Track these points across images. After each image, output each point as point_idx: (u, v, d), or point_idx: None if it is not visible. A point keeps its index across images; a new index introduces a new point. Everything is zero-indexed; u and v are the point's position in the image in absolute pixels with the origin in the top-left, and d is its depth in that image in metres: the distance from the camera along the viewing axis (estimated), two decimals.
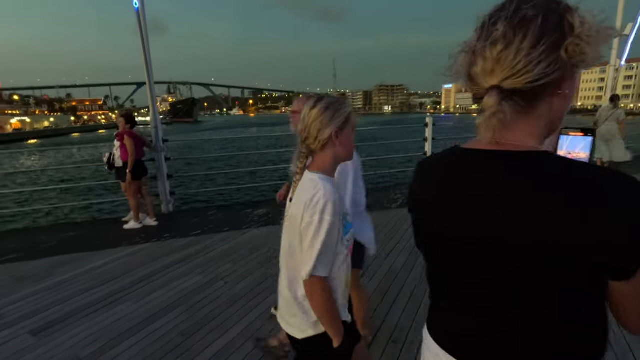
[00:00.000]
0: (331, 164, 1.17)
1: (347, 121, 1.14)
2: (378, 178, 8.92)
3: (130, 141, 4.46)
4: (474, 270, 0.65)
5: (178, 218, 5.08)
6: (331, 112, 1.12)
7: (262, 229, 4.47)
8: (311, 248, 1.06)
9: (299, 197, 1.12)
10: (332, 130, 1.12)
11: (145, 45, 4.83)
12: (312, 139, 1.13)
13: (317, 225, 1.05)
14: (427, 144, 6.62)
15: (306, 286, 1.11)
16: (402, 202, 5.43)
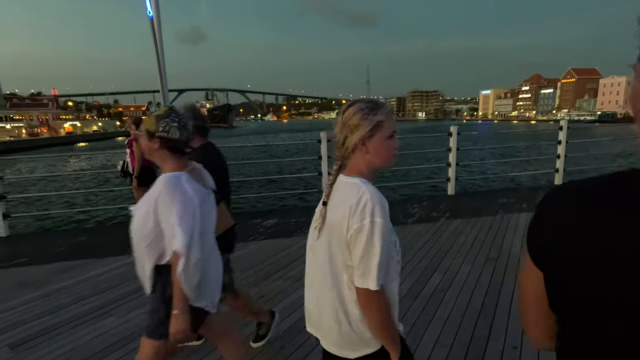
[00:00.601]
0: (367, 171, 1.08)
1: (377, 127, 1.03)
2: (392, 190, 8.56)
3: (137, 146, 4.48)
4: None
5: None
6: (359, 117, 1.03)
7: (265, 241, 4.30)
8: (367, 257, 0.96)
9: (338, 202, 1.04)
10: (359, 137, 1.03)
11: (159, 53, 4.86)
12: (340, 144, 1.07)
13: (369, 230, 0.95)
14: (451, 154, 6.20)
15: (362, 300, 1.01)
16: (419, 217, 5.07)
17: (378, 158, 1.07)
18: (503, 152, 17.29)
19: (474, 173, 10.80)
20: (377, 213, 0.96)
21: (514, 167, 12.92)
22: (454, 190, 6.32)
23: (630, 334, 0.48)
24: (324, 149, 5.68)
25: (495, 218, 4.86)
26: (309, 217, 4.19)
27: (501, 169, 12.98)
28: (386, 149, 1.07)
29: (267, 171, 14.45)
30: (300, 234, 4.52)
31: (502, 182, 10.29)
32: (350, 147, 1.05)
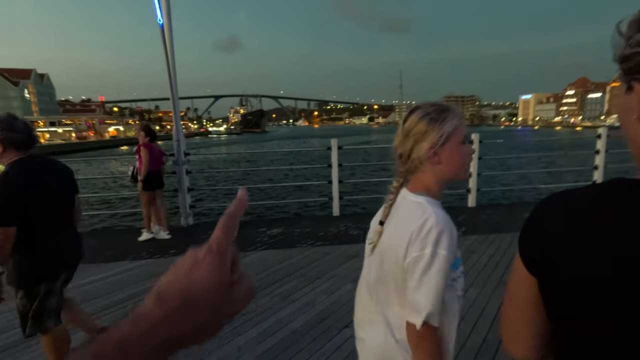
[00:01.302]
0: (436, 186, 0.97)
1: (451, 134, 0.92)
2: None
3: (145, 152, 4.50)
4: None
5: (192, 233, 5.02)
6: (427, 123, 0.92)
7: (264, 252, 4.16)
8: (421, 290, 0.87)
9: (399, 223, 0.94)
10: (429, 145, 0.92)
11: (169, 60, 4.90)
12: (405, 157, 0.96)
13: (428, 261, 0.86)
14: (472, 163, 5.78)
15: (412, 335, 0.92)
16: None
17: (451, 168, 0.95)
18: (533, 161, 16.20)
19: (498, 184, 10.10)
20: (442, 243, 0.86)
21: (544, 178, 11.99)
22: (474, 202, 5.88)
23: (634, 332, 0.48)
24: (334, 156, 5.48)
25: (516, 235, 4.40)
26: (316, 227, 4.05)
27: (529, 180, 12.07)
28: (460, 156, 0.95)
29: (276, 178, 14.39)
30: (304, 244, 4.34)
31: (529, 195, 9.54)
32: (419, 158, 0.94)
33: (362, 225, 5.00)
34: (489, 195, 8.69)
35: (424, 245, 0.86)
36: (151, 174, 4.59)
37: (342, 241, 4.42)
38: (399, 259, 0.91)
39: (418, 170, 0.96)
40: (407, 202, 0.96)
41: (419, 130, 0.93)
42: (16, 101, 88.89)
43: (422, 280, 0.87)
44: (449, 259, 0.86)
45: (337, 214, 5.62)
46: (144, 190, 4.58)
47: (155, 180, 4.69)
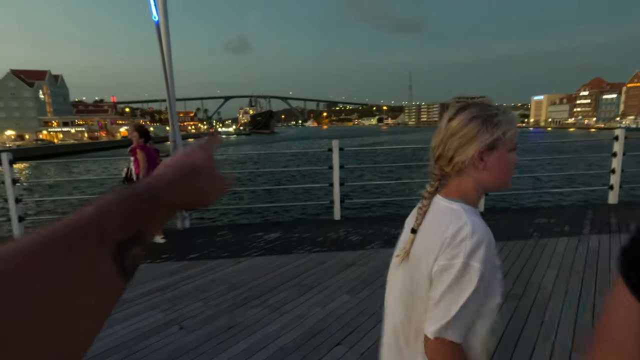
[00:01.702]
0: (475, 193, 0.89)
1: (502, 140, 0.85)
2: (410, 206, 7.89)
3: (142, 155, 4.38)
4: None
5: (186, 237, 4.87)
6: (478, 124, 0.84)
7: (260, 258, 3.98)
8: (444, 301, 0.79)
9: (431, 229, 0.87)
10: (476, 149, 0.84)
11: (165, 60, 4.77)
12: (446, 159, 0.88)
13: (458, 272, 0.78)
14: None
15: (428, 348, 0.83)
16: None
17: (496, 176, 0.88)
18: (544, 164, 15.68)
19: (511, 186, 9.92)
20: (477, 255, 0.77)
21: (557, 182, 11.50)
22: (482, 207, 5.62)
23: None
24: (335, 158, 5.29)
25: (527, 243, 4.16)
26: (315, 232, 3.79)
27: (541, 183, 11.63)
28: (507, 165, 0.88)
29: (275, 181, 14.18)
30: (301, 250, 4.16)
31: (541, 200, 9.16)
32: (463, 162, 0.86)
33: (363, 230, 4.80)
34: (498, 200, 8.39)
35: (455, 255, 0.79)
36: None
37: (340, 247, 4.22)
38: (428, 266, 0.83)
39: (458, 174, 0.89)
40: (441, 208, 0.88)
41: (467, 132, 0.85)
42: (31, 102, 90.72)
43: (446, 292, 0.78)
44: (484, 274, 0.76)
45: (338, 218, 5.42)
46: None
47: None
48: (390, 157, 26.70)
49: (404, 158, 26.85)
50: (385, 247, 4.18)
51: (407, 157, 26.67)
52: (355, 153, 28.23)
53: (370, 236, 4.59)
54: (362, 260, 3.82)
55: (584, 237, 4.32)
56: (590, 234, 4.42)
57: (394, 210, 8.38)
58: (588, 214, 5.21)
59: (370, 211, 8.07)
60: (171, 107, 4.99)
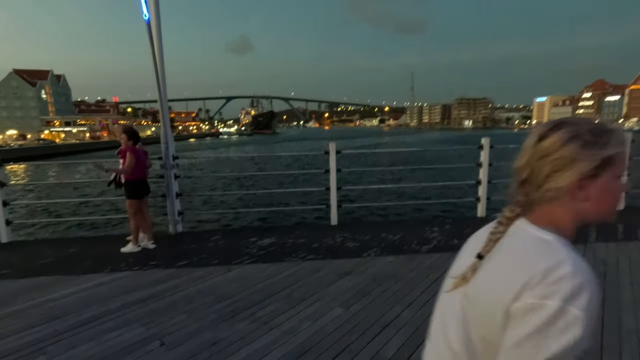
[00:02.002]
0: (570, 225, 0.73)
1: (607, 163, 0.69)
2: (414, 209, 7.68)
3: (131, 158, 4.22)
4: None
5: (178, 242, 4.71)
6: (578, 146, 0.69)
7: (251, 266, 3.81)
8: (526, 347, 0.62)
9: (508, 259, 0.72)
10: (575, 176, 0.69)
11: (157, 59, 4.62)
12: (534, 185, 0.73)
13: (551, 316, 0.61)
14: (481, 170, 5.36)
15: None
16: (436, 244, 4.32)
17: (600, 207, 0.72)
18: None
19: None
20: (579, 301, 0.61)
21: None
22: (484, 212, 5.44)
23: None
24: (332, 161, 5.12)
25: None
26: (311, 238, 3.57)
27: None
28: (614, 193, 0.72)
29: (271, 184, 14.00)
30: (295, 258, 3.99)
31: None
32: (557, 189, 0.71)
33: (360, 236, 4.63)
34: (501, 205, 8.20)
35: (548, 294, 0.62)
36: (138, 181, 4.31)
37: (336, 255, 4.06)
38: (499, 306, 0.68)
39: (549, 202, 0.73)
40: (526, 237, 0.73)
41: (564, 155, 0.70)
42: (33, 101, 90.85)
43: (531, 337, 0.62)
44: (585, 324, 0.60)
45: (334, 223, 5.26)
46: (131, 199, 4.30)
47: (143, 188, 4.41)
48: (389, 160, 26.61)
49: (403, 161, 26.77)
50: (382, 255, 4.01)
51: (406, 159, 26.60)
52: (354, 156, 28.22)
53: (368, 242, 4.42)
54: (358, 269, 3.66)
55: (589, 245, 4.14)
56: (596, 241, 4.23)
57: (394, 215, 8.18)
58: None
59: (368, 216, 7.88)
60: (163, 108, 4.84)
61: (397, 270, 3.60)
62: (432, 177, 14.21)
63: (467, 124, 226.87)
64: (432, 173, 15.47)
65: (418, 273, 3.52)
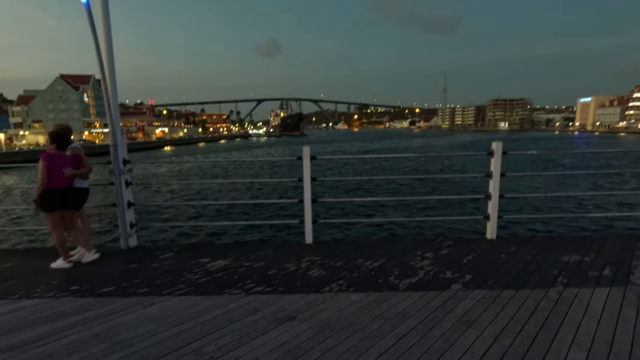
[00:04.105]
0: None
1: None
2: (413, 227, 6.58)
3: (43, 165, 3.58)
4: None
5: (120, 261, 4.06)
6: None
7: (183, 299, 3.07)
8: None
9: None
10: None
11: (103, 49, 4.02)
12: None
13: None
14: (491, 182, 4.34)
15: None
16: (422, 277, 3.39)
17: None
18: (581, 179, 13.17)
19: (529, 209, 7.89)
20: None
21: (596, 203, 9.24)
22: (494, 234, 4.42)
23: None
24: (306, 169, 4.32)
25: (548, 294, 2.97)
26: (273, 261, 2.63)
27: (576, 205, 9.56)
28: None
29: (243, 195, 12.87)
30: (239, 290, 3.23)
31: (574, 226, 7.27)
32: None
33: (332, 261, 3.79)
34: (515, 224, 6.78)
35: None
36: (54, 191, 3.68)
37: (291, 288, 3.25)
38: None
39: None
40: None
41: None
42: (76, 104, 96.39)
43: None
44: None
45: (309, 242, 4.44)
46: (45, 211, 3.71)
47: (61, 198, 3.75)
48: (378, 168, 23.98)
49: (394, 169, 24.21)
50: (348, 290, 3.15)
51: (406, 167, 24.24)
52: (340, 163, 25.31)
53: (337, 271, 3.57)
54: (309, 311, 2.83)
55: (633, 287, 3.07)
56: None
57: (378, 235, 6.87)
58: (639, 251, 3.89)
59: (352, 234, 6.81)
60: (112, 105, 4.24)
61: (358, 315, 2.74)
62: (436, 188, 12.58)
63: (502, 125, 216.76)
64: (437, 184, 13.57)
65: (384, 322, 2.64)
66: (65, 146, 3.83)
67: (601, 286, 3.12)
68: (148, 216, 8.45)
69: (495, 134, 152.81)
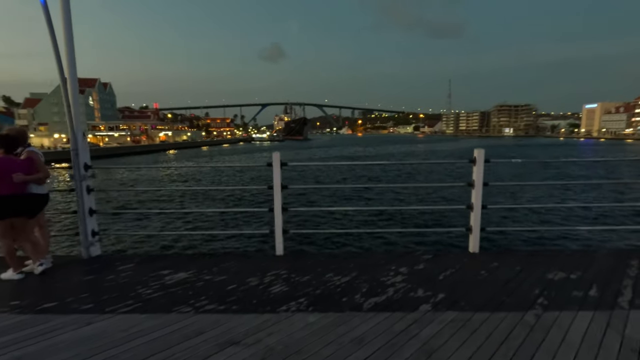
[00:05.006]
0: None
1: None
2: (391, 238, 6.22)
3: None
4: None
5: (76, 272, 3.83)
6: None
7: (123, 318, 2.81)
8: None
9: None
10: None
11: (64, 49, 3.83)
12: None
13: None
14: (474, 191, 4.06)
15: None
16: (391, 295, 3.12)
17: None
18: (578, 189, 12.46)
19: (515, 221, 7.43)
20: None
21: (587, 215, 8.73)
22: (477, 247, 4.13)
23: None
24: (276, 176, 4.08)
25: (525, 318, 2.69)
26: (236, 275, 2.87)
27: (563, 217, 9.13)
28: None
29: (212, 202, 12.31)
30: (189, 308, 2.98)
31: (563, 238, 6.86)
32: None
33: (298, 276, 3.53)
34: (500, 236, 6.37)
35: None
36: (4, 197, 3.47)
37: (246, 306, 2.99)
38: None
39: None
40: None
41: None
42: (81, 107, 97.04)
43: None
44: None
45: (280, 254, 4.19)
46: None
47: (9, 207, 3.53)
48: (357, 176, 22.79)
49: (373, 177, 23.19)
50: (306, 310, 2.89)
51: (378, 175, 23.29)
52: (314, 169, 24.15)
53: (300, 287, 3.31)
54: (258, 334, 2.57)
55: (619, 311, 2.78)
56: (631, 305, 2.86)
57: (356, 246, 6.48)
58: (631, 269, 3.59)
59: (325, 244, 6.47)
60: (72, 108, 4.04)
61: (309, 340, 2.47)
62: (419, 197, 11.93)
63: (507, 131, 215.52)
64: (420, 193, 12.84)
65: (337, 348, 2.38)
66: (14, 150, 3.62)
67: (585, 309, 2.83)
68: (115, 224, 8.15)
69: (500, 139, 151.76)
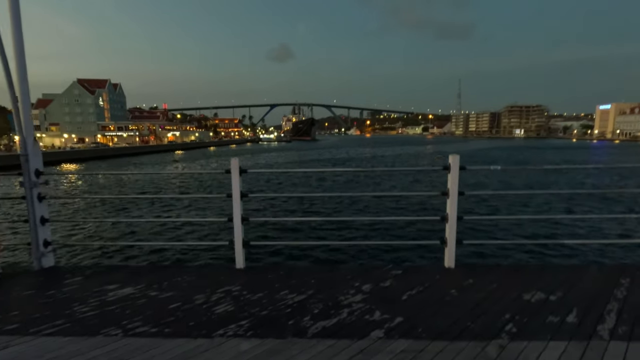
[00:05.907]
0: None
1: None
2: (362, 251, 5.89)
3: None
4: None
5: (22, 285, 3.62)
6: None
7: (45, 340, 2.57)
8: None
9: None
10: None
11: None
12: None
13: None
14: (448, 201, 3.74)
15: None
16: (346, 316, 2.82)
17: None
18: (575, 198, 11.68)
19: (497, 232, 6.86)
20: None
21: (576, 227, 8.04)
22: (452, 262, 3.80)
23: None
24: (235, 184, 3.80)
25: (486, 349, 2.36)
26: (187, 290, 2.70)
27: (549, 229, 8.55)
28: None
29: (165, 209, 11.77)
30: (118, 330, 2.73)
31: (547, 253, 6.34)
32: None
33: (251, 293, 3.25)
34: (479, 253, 5.79)
35: None
36: None
37: (182, 328, 2.72)
38: None
39: None
40: None
41: None
42: (92, 108, 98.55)
43: None
44: None
45: (240, 267, 3.92)
46: None
47: None
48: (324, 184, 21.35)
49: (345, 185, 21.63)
50: (243, 335, 2.60)
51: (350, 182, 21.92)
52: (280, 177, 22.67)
53: (248, 307, 3.03)
54: None
55: (598, 342, 2.44)
56: (612, 336, 2.51)
57: (325, 257, 6.06)
58: (619, 289, 3.23)
59: (295, 254, 6.17)
60: (20, 111, 3.83)
61: None
62: (397, 206, 11.07)
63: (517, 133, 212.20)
64: (400, 202, 12.13)
65: None
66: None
67: (557, 339, 2.49)
68: (76, 233, 7.97)
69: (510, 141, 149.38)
